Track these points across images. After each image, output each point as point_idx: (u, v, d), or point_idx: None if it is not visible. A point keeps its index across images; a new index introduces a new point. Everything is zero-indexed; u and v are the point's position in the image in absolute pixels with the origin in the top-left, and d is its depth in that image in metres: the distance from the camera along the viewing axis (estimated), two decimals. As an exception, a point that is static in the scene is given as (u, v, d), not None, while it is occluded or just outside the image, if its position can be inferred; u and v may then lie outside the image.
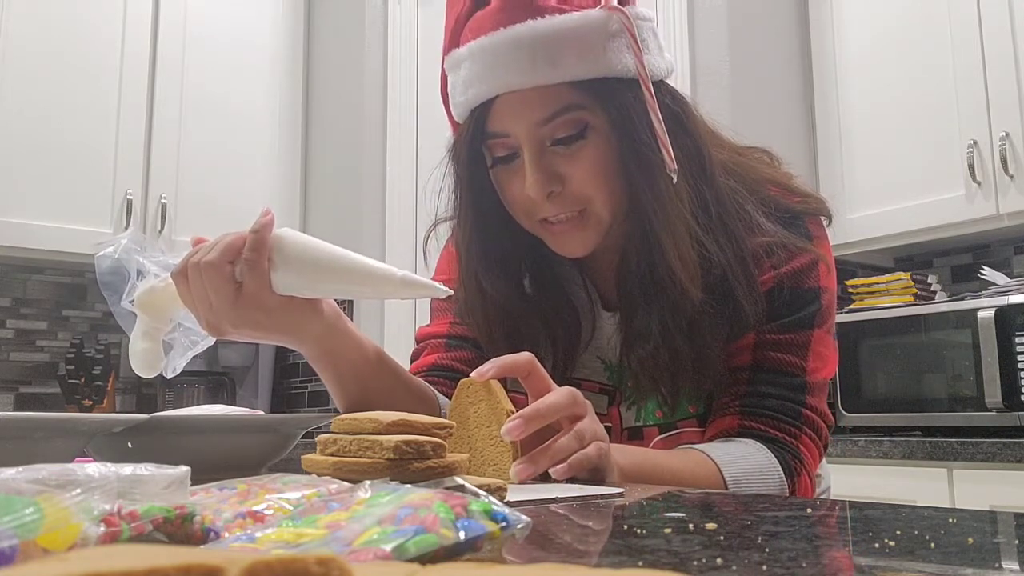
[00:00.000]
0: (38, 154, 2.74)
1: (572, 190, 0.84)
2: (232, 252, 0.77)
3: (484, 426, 0.73)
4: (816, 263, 0.91)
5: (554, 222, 0.86)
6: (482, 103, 0.85)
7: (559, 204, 0.85)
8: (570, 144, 0.84)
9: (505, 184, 0.88)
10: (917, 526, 0.46)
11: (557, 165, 0.84)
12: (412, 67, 2.90)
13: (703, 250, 0.85)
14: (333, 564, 0.21)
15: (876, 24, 2.57)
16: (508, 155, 0.86)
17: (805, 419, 0.89)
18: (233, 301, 0.77)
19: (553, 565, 0.28)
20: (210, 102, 3.03)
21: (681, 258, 0.84)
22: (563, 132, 0.83)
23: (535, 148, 0.84)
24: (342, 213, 3.00)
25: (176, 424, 0.82)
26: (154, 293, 0.84)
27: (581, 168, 0.84)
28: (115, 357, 2.97)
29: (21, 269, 3.02)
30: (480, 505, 0.37)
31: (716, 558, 0.37)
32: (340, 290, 0.79)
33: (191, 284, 0.78)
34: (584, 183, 0.84)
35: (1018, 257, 2.56)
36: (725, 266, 0.86)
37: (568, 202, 0.85)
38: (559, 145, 0.84)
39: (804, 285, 0.90)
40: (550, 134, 0.83)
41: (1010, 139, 2.23)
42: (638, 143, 0.83)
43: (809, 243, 0.91)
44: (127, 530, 0.34)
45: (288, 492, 0.45)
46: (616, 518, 0.55)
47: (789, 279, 0.90)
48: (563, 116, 0.83)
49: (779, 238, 0.90)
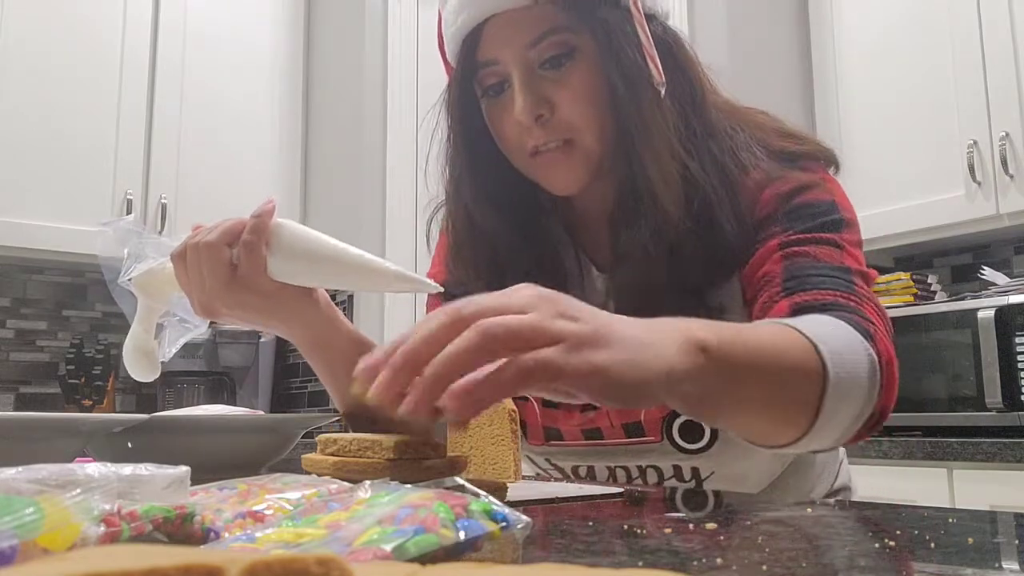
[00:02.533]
0: (38, 154, 2.74)
1: (561, 115, 0.83)
2: (231, 235, 0.79)
3: (485, 425, 0.73)
4: (821, 182, 0.85)
5: (543, 151, 0.85)
6: (471, 32, 0.85)
7: (548, 130, 0.84)
8: (558, 67, 0.83)
9: (496, 119, 0.87)
10: (917, 526, 0.46)
11: (546, 89, 0.83)
12: (412, 67, 2.90)
13: (686, 172, 0.82)
14: (333, 564, 0.21)
15: (876, 24, 2.57)
16: (498, 84, 0.86)
17: (859, 292, 0.77)
18: (228, 282, 0.79)
19: (553, 565, 0.28)
20: (210, 102, 3.03)
21: (662, 176, 0.81)
22: (551, 53, 0.83)
23: (524, 72, 0.83)
24: (342, 212, 3.00)
25: (176, 424, 0.82)
26: (152, 275, 0.86)
27: (569, 91, 0.83)
28: (115, 357, 2.97)
29: (21, 269, 3.02)
30: (480, 505, 0.37)
31: (716, 558, 0.37)
32: (334, 280, 0.80)
33: (188, 264, 0.80)
34: (572, 107, 0.83)
35: (1018, 257, 2.56)
36: (710, 192, 0.82)
37: (557, 128, 0.84)
38: (548, 69, 0.83)
39: (813, 196, 0.83)
40: (538, 57, 0.83)
41: (1010, 139, 2.23)
42: (623, 60, 0.82)
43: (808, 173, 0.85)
44: (127, 530, 0.34)
45: (288, 492, 0.45)
46: (616, 518, 0.55)
47: (793, 192, 0.83)
48: (550, 38, 0.82)
49: (776, 172, 0.85)
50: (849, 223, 0.83)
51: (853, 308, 0.74)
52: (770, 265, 0.80)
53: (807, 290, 0.76)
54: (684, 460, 0.90)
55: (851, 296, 0.76)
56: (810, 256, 0.79)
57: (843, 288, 0.77)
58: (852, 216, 0.84)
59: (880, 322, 0.75)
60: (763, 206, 0.83)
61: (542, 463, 0.99)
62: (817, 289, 0.76)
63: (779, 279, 0.79)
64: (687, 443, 0.88)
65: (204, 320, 0.87)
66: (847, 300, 0.75)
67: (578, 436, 0.92)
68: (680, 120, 0.84)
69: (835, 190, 0.85)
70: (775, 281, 0.79)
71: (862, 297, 0.77)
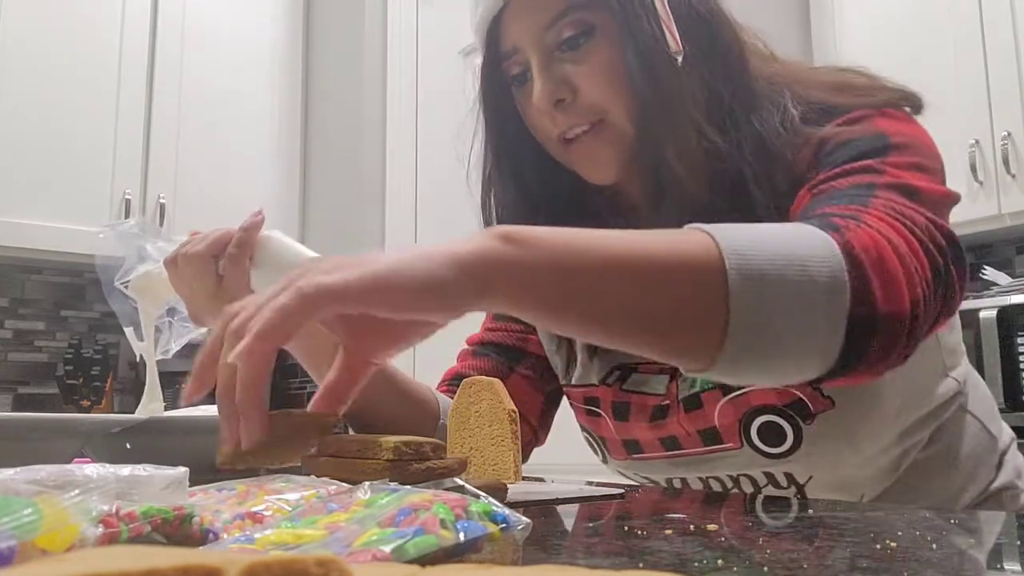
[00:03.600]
0: (36, 154, 2.74)
1: (584, 97, 0.80)
2: (218, 247, 0.80)
3: (485, 426, 0.73)
4: (868, 118, 0.74)
5: (572, 138, 0.82)
6: (491, 23, 0.83)
7: (572, 114, 0.81)
8: (577, 47, 0.80)
9: (525, 109, 0.85)
10: (918, 526, 0.46)
11: (565, 71, 0.81)
12: (412, 66, 2.90)
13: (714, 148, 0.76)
14: (332, 565, 0.21)
15: (877, 23, 2.57)
16: (522, 73, 0.84)
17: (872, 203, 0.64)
18: (213, 293, 0.80)
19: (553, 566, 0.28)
20: (209, 101, 3.03)
21: (683, 154, 0.77)
22: (568, 33, 0.80)
23: (541, 56, 0.81)
24: (341, 212, 3.00)
25: (175, 425, 0.82)
26: (149, 278, 0.88)
27: (590, 71, 0.80)
28: (113, 358, 2.97)
29: (19, 269, 3.02)
30: (480, 506, 0.36)
31: (717, 559, 0.36)
32: None
33: (179, 272, 0.82)
34: (595, 87, 0.80)
35: (1020, 257, 2.56)
36: (745, 169, 0.76)
37: (582, 111, 0.81)
38: (566, 50, 0.81)
39: (852, 133, 0.73)
40: (555, 39, 0.81)
41: (1012, 139, 2.23)
42: (640, 33, 0.78)
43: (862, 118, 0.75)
44: (125, 531, 0.34)
45: (287, 493, 0.45)
46: (617, 519, 0.55)
47: (832, 135, 0.74)
48: (567, 18, 0.80)
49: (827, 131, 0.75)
50: (900, 147, 0.71)
51: (838, 213, 0.61)
52: (800, 206, 0.71)
53: (809, 216, 0.65)
54: (773, 466, 0.82)
55: (851, 207, 0.63)
56: (836, 188, 0.68)
57: (851, 203, 0.64)
58: (907, 140, 0.72)
59: (881, 221, 0.60)
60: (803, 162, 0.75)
61: (634, 477, 0.95)
62: (819, 210, 0.65)
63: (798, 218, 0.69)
64: (769, 447, 0.80)
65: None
66: (843, 210, 0.62)
67: (657, 447, 0.87)
68: (709, 94, 0.79)
69: (888, 123, 0.74)
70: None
71: (869, 205, 0.63)
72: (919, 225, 0.62)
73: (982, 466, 0.86)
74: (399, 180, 2.87)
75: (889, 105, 0.77)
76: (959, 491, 0.84)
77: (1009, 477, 0.87)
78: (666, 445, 0.87)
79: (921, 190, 0.66)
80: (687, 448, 0.86)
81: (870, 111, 0.75)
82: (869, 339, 0.55)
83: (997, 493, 0.86)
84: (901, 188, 0.65)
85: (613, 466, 0.95)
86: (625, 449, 0.90)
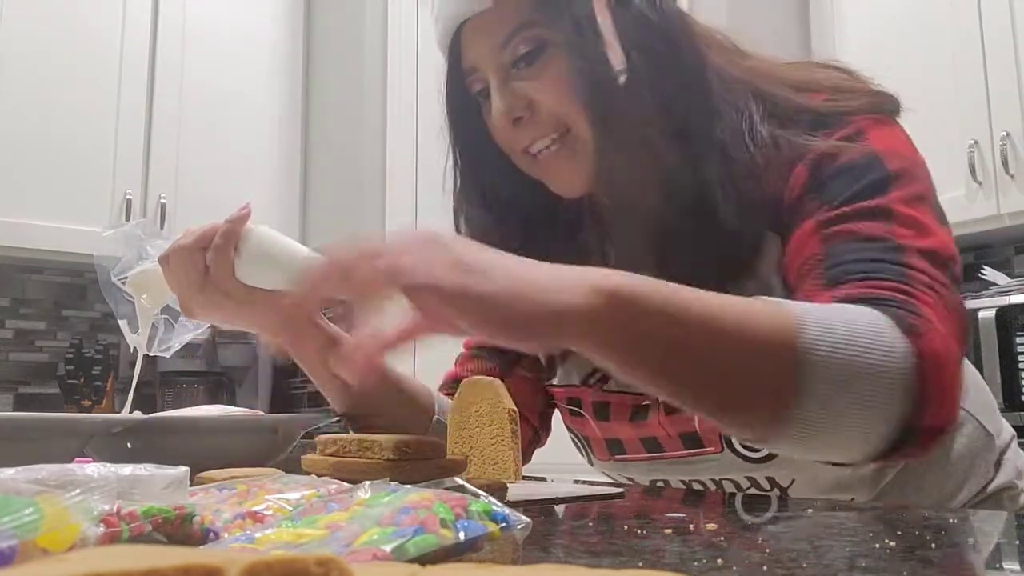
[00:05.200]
0: (37, 154, 2.74)
1: (543, 111, 0.80)
2: (205, 240, 0.82)
3: (485, 425, 0.73)
4: (859, 134, 0.74)
5: (538, 152, 0.81)
6: (452, 41, 0.83)
7: (533, 129, 0.81)
8: (532, 63, 0.80)
9: (490, 123, 0.84)
10: (918, 526, 0.46)
11: (522, 88, 0.80)
12: (412, 66, 2.90)
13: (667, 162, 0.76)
14: (333, 565, 0.21)
15: (877, 23, 2.56)
16: (484, 90, 0.83)
17: (915, 279, 0.65)
18: (201, 286, 0.82)
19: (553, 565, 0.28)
20: (209, 102, 3.03)
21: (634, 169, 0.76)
22: (523, 49, 0.80)
23: (498, 74, 0.81)
24: (342, 212, 3.00)
25: (175, 424, 0.82)
26: (146, 275, 0.89)
27: (546, 85, 0.79)
28: (114, 357, 2.97)
29: (20, 269, 3.02)
30: (480, 506, 0.36)
31: (717, 559, 0.37)
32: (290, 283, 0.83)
33: (171, 267, 0.84)
34: (552, 101, 0.79)
35: (1019, 257, 2.56)
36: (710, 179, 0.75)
37: (544, 124, 0.80)
38: (522, 67, 0.80)
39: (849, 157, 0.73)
40: (511, 56, 0.80)
41: (1011, 139, 2.23)
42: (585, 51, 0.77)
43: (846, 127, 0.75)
44: (126, 530, 0.34)
45: (288, 492, 0.45)
46: (616, 518, 0.55)
47: (824, 157, 0.73)
48: (520, 34, 0.79)
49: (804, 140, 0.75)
50: (898, 176, 0.71)
51: (901, 302, 0.63)
52: (810, 248, 0.71)
53: (850, 282, 0.66)
54: (755, 471, 0.82)
55: (902, 285, 0.64)
56: (852, 234, 0.69)
57: (892, 275, 0.65)
58: (903, 165, 0.73)
59: (938, 313, 0.63)
60: (794, 184, 0.74)
61: (618, 478, 0.95)
62: (862, 281, 0.65)
63: (820, 266, 0.69)
64: (749, 451, 0.80)
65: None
66: (894, 292, 0.63)
67: (639, 448, 0.88)
68: (664, 107, 0.78)
69: (879, 138, 0.74)
70: (816, 269, 0.69)
71: (917, 284, 0.65)
72: (957, 315, 0.66)
73: (978, 464, 0.85)
74: (399, 180, 2.87)
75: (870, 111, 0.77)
76: (955, 490, 0.83)
77: (1009, 477, 0.86)
78: (648, 447, 0.87)
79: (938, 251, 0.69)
80: (668, 451, 0.86)
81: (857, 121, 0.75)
82: (915, 438, 0.60)
83: (997, 493, 0.85)
84: (921, 251, 0.68)
85: (598, 467, 0.96)
86: (608, 450, 0.91)
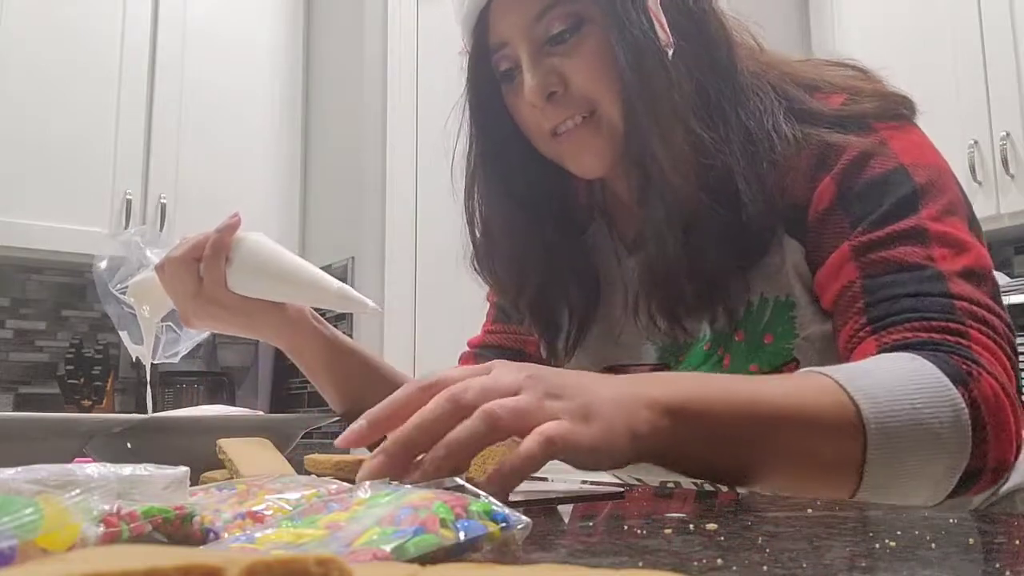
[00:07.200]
0: (37, 154, 2.74)
1: (574, 90, 0.80)
2: (198, 250, 0.83)
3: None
4: (882, 145, 0.75)
5: (563, 132, 0.81)
6: (479, 16, 0.82)
7: (563, 107, 0.80)
8: (566, 40, 0.79)
9: (514, 105, 0.84)
10: (918, 526, 0.46)
11: (555, 64, 0.80)
12: (412, 65, 2.90)
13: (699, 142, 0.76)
14: (333, 564, 0.21)
15: (876, 23, 2.57)
16: (511, 69, 0.83)
17: (962, 311, 0.67)
18: (195, 295, 0.84)
19: (553, 565, 0.28)
20: (209, 101, 3.03)
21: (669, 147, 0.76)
22: (557, 27, 0.79)
23: (531, 49, 0.80)
24: (342, 212, 3.00)
25: (175, 424, 0.82)
26: (144, 284, 0.90)
27: (580, 63, 0.79)
28: (114, 357, 2.97)
29: (20, 269, 3.02)
30: (480, 505, 0.36)
31: (717, 558, 0.37)
32: (283, 293, 0.86)
33: (167, 277, 0.85)
34: (585, 79, 0.79)
35: (1019, 257, 2.56)
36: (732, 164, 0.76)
37: (573, 103, 0.80)
38: (556, 43, 0.80)
39: (876, 170, 0.74)
40: (544, 32, 0.80)
41: (1011, 139, 2.23)
42: (627, 23, 0.77)
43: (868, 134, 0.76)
44: (126, 530, 0.34)
45: (288, 492, 0.45)
46: (616, 518, 0.55)
47: (851, 170, 0.74)
48: (555, 10, 0.79)
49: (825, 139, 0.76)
50: (926, 190, 0.72)
51: (952, 345, 0.65)
52: (846, 275, 0.72)
53: (896, 325, 0.67)
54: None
55: (951, 324, 0.66)
56: (890, 262, 0.70)
57: (938, 314, 0.67)
58: (930, 176, 0.73)
59: (988, 348, 0.65)
60: (821, 196, 0.75)
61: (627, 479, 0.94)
62: (908, 322, 0.67)
63: (861, 299, 0.71)
64: None
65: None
66: (944, 334, 0.65)
67: None
68: (696, 88, 0.78)
69: (903, 149, 0.75)
70: (857, 303, 0.71)
71: (965, 318, 0.66)
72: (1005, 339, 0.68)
73: None
74: (399, 180, 2.87)
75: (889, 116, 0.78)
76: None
77: (1022, 478, 0.84)
78: None
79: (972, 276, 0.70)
80: None
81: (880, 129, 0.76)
82: (976, 480, 0.64)
83: (1010, 495, 0.85)
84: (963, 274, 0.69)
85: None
86: None
